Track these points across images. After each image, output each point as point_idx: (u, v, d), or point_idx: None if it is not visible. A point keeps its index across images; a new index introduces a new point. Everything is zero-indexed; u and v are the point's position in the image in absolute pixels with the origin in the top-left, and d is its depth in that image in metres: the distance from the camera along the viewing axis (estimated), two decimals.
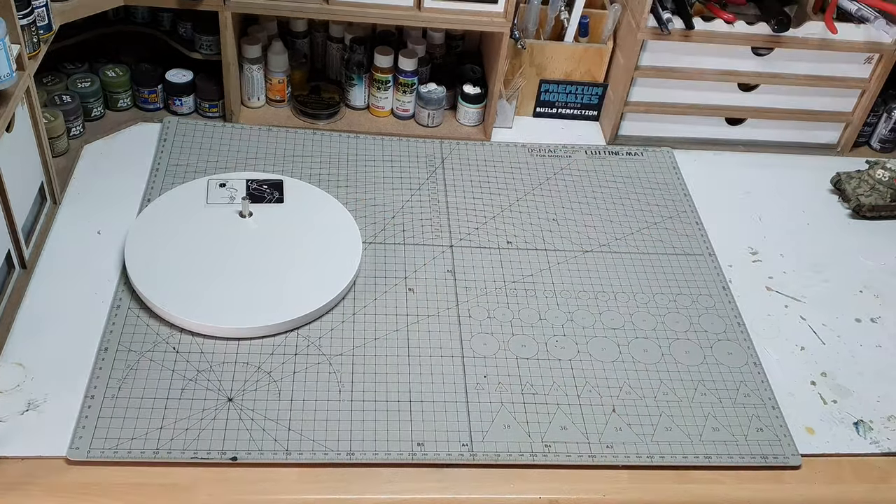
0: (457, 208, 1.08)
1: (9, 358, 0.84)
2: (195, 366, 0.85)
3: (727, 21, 1.13)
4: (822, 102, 1.22)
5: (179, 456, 0.77)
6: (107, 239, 0.97)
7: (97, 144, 1.11)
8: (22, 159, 0.92)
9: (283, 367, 0.86)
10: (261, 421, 0.80)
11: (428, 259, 1.00)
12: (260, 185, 1.04)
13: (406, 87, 1.18)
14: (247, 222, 0.99)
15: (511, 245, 1.04)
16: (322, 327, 0.90)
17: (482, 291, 0.97)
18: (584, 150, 1.21)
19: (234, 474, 0.77)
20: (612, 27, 1.21)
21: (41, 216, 0.97)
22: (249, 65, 1.15)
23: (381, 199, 1.08)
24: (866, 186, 1.15)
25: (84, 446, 0.76)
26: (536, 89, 1.24)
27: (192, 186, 1.03)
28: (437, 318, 0.93)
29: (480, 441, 0.82)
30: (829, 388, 0.92)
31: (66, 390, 0.81)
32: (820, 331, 0.98)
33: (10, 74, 0.84)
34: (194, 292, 0.89)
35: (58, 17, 0.97)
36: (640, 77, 1.17)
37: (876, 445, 0.87)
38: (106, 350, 0.85)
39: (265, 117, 1.17)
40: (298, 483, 0.77)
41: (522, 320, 0.94)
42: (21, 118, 0.91)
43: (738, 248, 1.07)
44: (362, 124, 1.19)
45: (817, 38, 1.15)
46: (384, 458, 0.79)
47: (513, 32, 1.14)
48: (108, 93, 1.14)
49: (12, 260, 0.90)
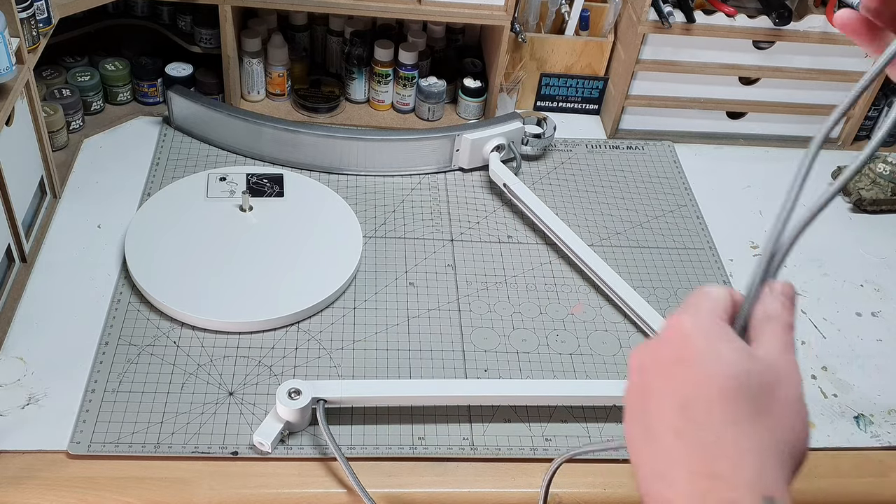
0: (457, 202, 1.08)
1: (9, 352, 0.84)
2: (196, 360, 0.85)
3: (728, 14, 1.13)
4: (823, 96, 1.22)
5: (180, 450, 0.77)
6: (107, 233, 0.97)
7: (97, 138, 1.11)
8: (22, 153, 0.92)
9: (283, 361, 0.86)
10: (261, 415, 0.80)
11: (428, 253, 1.00)
12: (260, 179, 1.03)
13: (406, 81, 1.17)
14: (247, 216, 0.99)
15: (512, 239, 1.04)
16: (322, 321, 0.90)
17: (483, 286, 0.97)
18: (585, 144, 1.20)
19: (235, 468, 0.77)
20: (612, 21, 1.21)
21: (41, 210, 0.97)
22: (249, 58, 1.14)
23: (381, 193, 1.08)
24: (867, 180, 1.15)
25: (85, 440, 0.77)
26: (537, 83, 1.23)
27: (192, 180, 1.03)
28: (438, 312, 0.93)
29: (481, 435, 0.82)
30: (829, 381, 0.92)
31: (67, 384, 0.81)
32: (820, 325, 0.98)
33: (10, 68, 0.84)
34: (195, 286, 0.89)
35: (57, 10, 0.97)
36: (640, 71, 1.17)
37: (877, 439, 0.87)
38: (106, 344, 0.85)
39: (265, 111, 1.17)
40: (299, 477, 0.77)
41: (523, 314, 0.94)
42: (21, 112, 0.91)
43: (739, 242, 1.07)
44: (362, 118, 1.19)
45: (819, 31, 1.14)
46: (385, 452, 0.79)
47: (513, 26, 1.14)
48: (107, 87, 1.14)
49: (12, 254, 0.89)
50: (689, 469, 0.40)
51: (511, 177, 1.06)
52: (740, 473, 0.39)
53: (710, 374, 0.41)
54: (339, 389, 0.80)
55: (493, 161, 1.09)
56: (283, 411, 0.77)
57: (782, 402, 0.42)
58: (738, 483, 0.39)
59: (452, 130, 1.10)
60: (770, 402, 0.41)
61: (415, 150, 1.10)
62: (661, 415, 0.42)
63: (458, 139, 1.10)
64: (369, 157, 1.09)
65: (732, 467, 0.39)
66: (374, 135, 1.10)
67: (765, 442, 0.40)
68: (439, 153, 1.11)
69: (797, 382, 0.43)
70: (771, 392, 0.41)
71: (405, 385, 0.85)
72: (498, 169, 1.08)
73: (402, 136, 1.10)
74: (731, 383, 0.41)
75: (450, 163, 1.12)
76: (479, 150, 1.11)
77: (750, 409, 0.41)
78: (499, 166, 1.08)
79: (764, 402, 0.41)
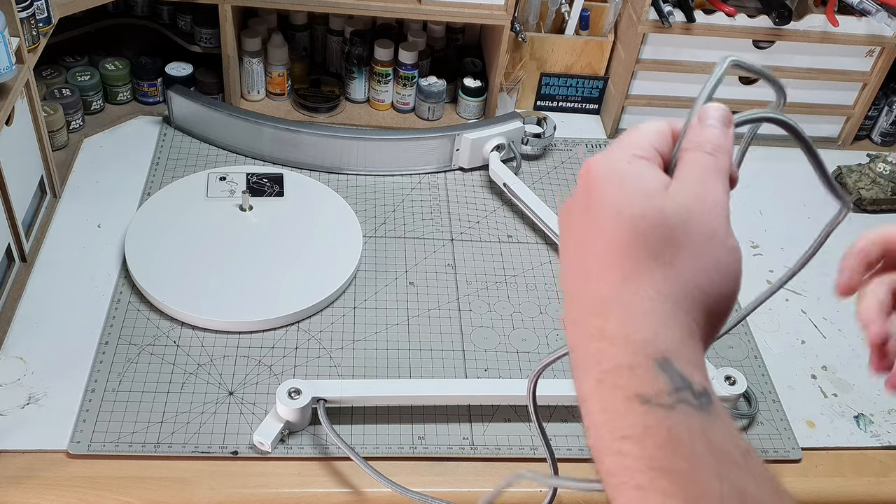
0: (457, 202, 1.08)
1: (9, 352, 0.84)
2: (196, 359, 0.85)
3: (728, 14, 1.13)
4: (823, 96, 1.22)
5: (180, 450, 0.77)
6: (107, 232, 0.97)
7: (97, 138, 1.11)
8: (22, 153, 0.92)
9: (283, 360, 0.86)
10: (261, 415, 0.80)
11: (428, 253, 1.00)
12: (260, 179, 1.03)
13: (406, 81, 1.17)
14: (247, 216, 0.99)
15: (511, 239, 1.04)
16: (322, 321, 0.90)
17: (483, 285, 0.97)
18: (585, 144, 1.20)
19: (235, 468, 0.77)
20: (612, 20, 1.21)
21: (41, 210, 0.97)
22: (249, 58, 1.14)
23: (381, 193, 1.08)
24: (867, 180, 1.15)
25: (85, 440, 0.77)
26: (537, 82, 1.23)
27: (192, 180, 1.03)
28: (438, 311, 0.93)
29: (481, 435, 0.82)
30: (829, 381, 0.92)
31: (67, 384, 0.81)
32: (821, 324, 0.98)
33: (10, 68, 0.84)
34: (195, 286, 0.89)
35: (57, 10, 0.97)
36: (640, 70, 1.17)
37: (876, 439, 0.87)
38: (106, 344, 0.85)
39: (265, 111, 1.17)
40: (299, 477, 0.77)
41: (523, 314, 0.94)
42: (21, 112, 0.91)
43: (740, 242, 1.07)
44: (362, 118, 1.19)
45: (819, 31, 1.14)
46: (385, 451, 0.79)
47: (513, 25, 1.14)
48: (107, 86, 1.14)
49: (12, 254, 0.89)
50: (586, 332, 0.36)
51: (511, 176, 1.06)
52: (632, 335, 0.35)
53: (607, 226, 0.37)
54: (339, 389, 0.80)
55: (493, 161, 1.09)
56: (283, 411, 0.77)
57: (692, 245, 0.36)
58: (629, 346, 0.34)
59: (452, 130, 1.10)
60: (675, 249, 0.36)
61: (415, 149, 1.10)
62: (567, 273, 0.39)
63: (458, 139, 1.10)
64: (369, 157, 1.09)
65: (624, 329, 0.35)
66: (374, 134, 1.10)
67: (666, 296, 0.35)
68: (439, 153, 1.11)
69: (714, 218, 0.37)
70: (676, 236, 0.36)
71: (405, 385, 0.85)
72: (498, 168, 1.08)
73: (402, 136, 1.10)
74: (625, 236, 0.36)
75: (450, 162, 1.12)
76: (479, 150, 1.10)
77: (649, 260, 0.36)
78: (499, 166, 1.08)
79: (668, 249, 0.36)
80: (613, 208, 0.37)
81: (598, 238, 0.37)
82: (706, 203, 0.37)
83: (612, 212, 0.37)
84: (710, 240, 0.37)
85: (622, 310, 0.35)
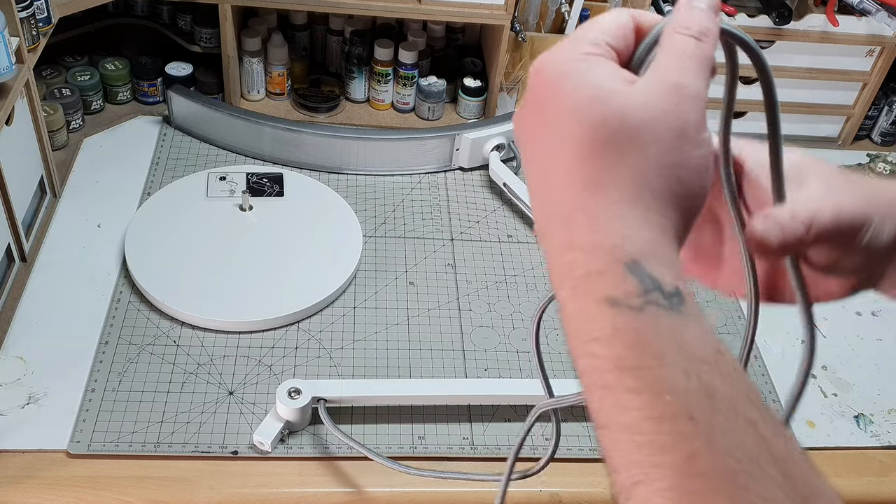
0: (457, 202, 1.08)
1: (9, 351, 0.84)
2: (196, 359, 0.85)
3: (728, 14, 1.13)
4: (823, 96, 1.22)
5: (180, 449, 0.77)
6: (107, 232, 0.97)
7: (97, 138, 1.11)
8: (21, 153, 0.92)
9: (283, 360, 0.86)
10: (261, 415, 0.80)
11: (428, 252, 1.00)
12: (260, 179, 1.03)
13: (406, 80, 1.17)
14: (247, 216, 0.99)
15: (512, 239, 1.04)
16: (322, 321, 0.90)
17: (483, 285, 0.97)
18: None
19: (235, 468, 0.77)
20: None
21: (41, 209, 0.97)
22: (249, 58, 1.14)
23: (381, 193, 1.08)
24: None
25: (85, 440, 0.76)
26: None
27: (192, 180, 1.03)
28: (438, 311, 0.93)
29: (481, 434, 0.82)
30: (829, 381, 0.92)
31: (67, 384, 0.81)
32: (821, 324, 0.98)
33: (10, 67, 0.84)
34: (195, 286, 0.89)
35: (57, 9, 0.97)
36: None
37: (876, 439, 0.87)
38: (106, 343, 0.85)
39: (265, 110, 1.17)
40: (299, 476, 0.77)
41: (523, 314, 0.94)
42: (20, 111, 0.91)
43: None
44: (362, 117, 1.19)
45: (818, 30, 1.14)
46: (385, 451, 0.79)
47: (513, 25, 1.14)
48: (107, 86, 1.14)
49: (12, 253, 0.89)
50: (557, 243, 0.36)
51: (511, 176, 1.06)
52: (601, 242, 0.34)
53: (563, 134, 0.35)
54: (339, 389, 0.80)
55: (493, 160, 1.09)
56: (283, 411, 0.77)
57: (658, 143, 0.34)
58: (598, 252, 0.34)
59: (452, 130, 1.10)
60: (639, 150, 0.34)
61: (415, 149, 1.10)
62: (531, 186, 0.38)
63: (458, 138, 1.10)
64: (369, 157, 1.09)
65: (592, 237, 0.34)
66: (374, 134, 1.10)
67: (632, 199, 0.34)
68: (439, 152, 1.11)
69: (689, 111, 0.35)
70: (640, 136, 0.34)
71: (405, 385, 0.85)
72: (498, 168, 1.08)
73: (402, 136, 1.10)
74: (584, 143, 0.34)
75: (450, 162, 1.12)
76: (479, 150, 1.10)
77: (611, 166, 0.34)
78: (499, 165, 1.08)
79: (630, 151, 0.34)
80: (569, 115, 0.35)
81: (556, 148, 0.35)
82: (685, 95, 0.35)
83: (567, 119, 0.35)
84: (679, 137, 0.35)
85: (587, 218, 0.34)
